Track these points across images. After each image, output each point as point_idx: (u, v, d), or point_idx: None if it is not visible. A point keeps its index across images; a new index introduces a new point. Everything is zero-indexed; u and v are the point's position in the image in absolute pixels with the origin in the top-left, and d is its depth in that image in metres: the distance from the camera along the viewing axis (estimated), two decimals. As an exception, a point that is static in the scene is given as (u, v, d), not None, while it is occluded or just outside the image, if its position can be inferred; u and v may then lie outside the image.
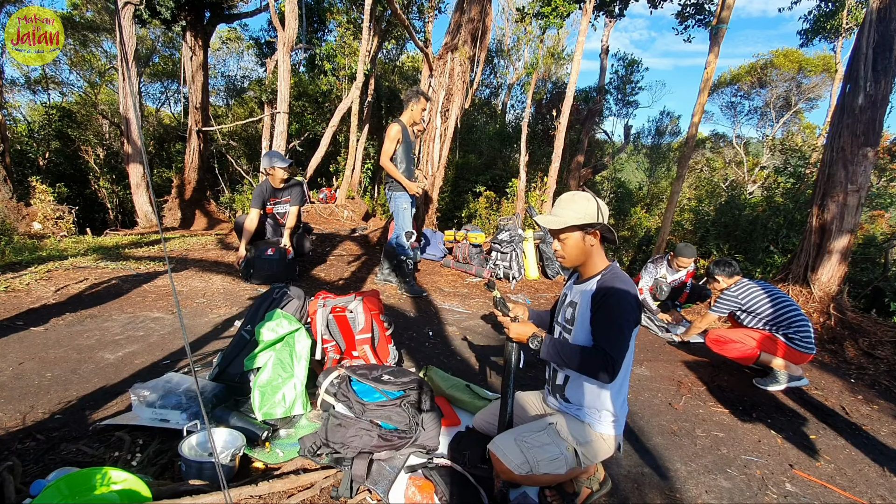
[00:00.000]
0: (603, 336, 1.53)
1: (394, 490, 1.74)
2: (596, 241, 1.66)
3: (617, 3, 10.15)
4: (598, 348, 1.52)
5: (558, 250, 1.70)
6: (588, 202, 1.63)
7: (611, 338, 1.51)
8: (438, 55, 6.81)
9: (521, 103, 16.17)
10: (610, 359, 1.47)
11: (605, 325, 1.54)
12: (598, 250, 1.69)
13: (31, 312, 3.30)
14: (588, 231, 1.64)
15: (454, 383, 2.46)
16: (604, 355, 1.48)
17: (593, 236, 1.65)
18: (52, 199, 8.42)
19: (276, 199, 4.51)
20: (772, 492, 1.99)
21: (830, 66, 13.88)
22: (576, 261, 1.69)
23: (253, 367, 2.19)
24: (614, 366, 1.48)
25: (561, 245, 1.68)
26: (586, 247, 1.66)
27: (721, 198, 10.10)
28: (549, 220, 1.65)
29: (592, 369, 1.51)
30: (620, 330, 1.52)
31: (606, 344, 1.50)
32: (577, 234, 1.64)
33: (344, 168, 8.47)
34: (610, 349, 1.49)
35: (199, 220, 9.85)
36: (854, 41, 4.39)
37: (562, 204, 1.67)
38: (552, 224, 1.64)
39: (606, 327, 1.53)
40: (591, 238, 1.65)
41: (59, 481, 1.44)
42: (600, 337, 1.54)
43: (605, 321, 1.54)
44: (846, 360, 3.70)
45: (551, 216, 1.67)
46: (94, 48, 14.38)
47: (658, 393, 2.89)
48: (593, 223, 1.62)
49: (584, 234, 1.64)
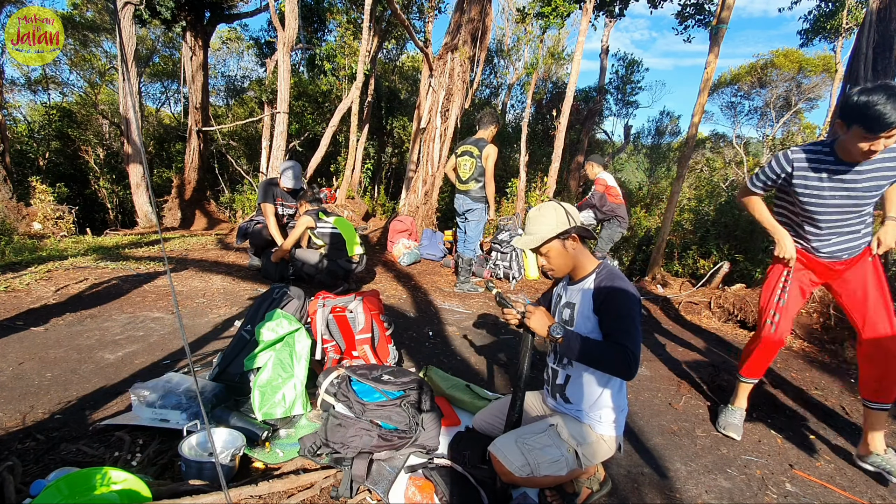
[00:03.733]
0: (620, 332, 1.51)
1: (394, 490, 1.74)
2: (577, 244, 1.68)
3: (617, 3, 10.14)
4: (618, 343, 1.50)
5: (545, 265, 1.72)
6: (556, 211, 1.67)
7: (628, 332, 1.50)
8: (438, 55, 6.81)
9: (521, 103, 16.15)
10: (631, 353, 1.47)
11: (619, 321, 1.53)
12: (583, 251, 1.70)
13: (31, 312, 3.30)
14: (565, 237, 1.66)
15: (454, 383, 2.46)
16: (623, 349, 1.47)
17: (572, 240, 1.67)
18: (52, 199, 8.41)
19: (282, 201, 4.57)
20: (772, 492, 1.99)
21: (830, 66, 13.87)
22: (565, 269, 1.71)
23: (253, 367, 2.19)
24: (637, 360, 1.47)
25: (546, 259, 1.70)
26: (570, 252, 1.67)
27: (721, 198, 10.08)
28: (527, 240, 1.69)
29: (614, 364, 1.49)
30: (634, 324, 1.51)
31: (625, 339, 1.49)
32: (557, 244, 1.66)
33: (344, 168, 8.46)
34: (629, 343, 1.48)
35: (199, 220, 9.85)
36: (854, 41, 4.39)
37: (532, 222, 1.70)
38: (530, 244, 1.67)
39: (621, 323, 1.52)
40: (570, 243, 1.67)
41: (59, 481, 1.44)
42: (618, 333, 1.52)
43: (618, 317, 1.53)
44: (846, 360, 3.70)
45: (527, 237, 1.70)
46: (94, 48, 14.37)
47: (658, 393, 2.89)
48: (567, 229, 1.64)
49: (563, 241, 1.66)
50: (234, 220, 9.60)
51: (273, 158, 7.51)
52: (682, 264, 8.05)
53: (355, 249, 4.18)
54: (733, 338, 4.16)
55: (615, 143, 14.94)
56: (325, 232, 4.07)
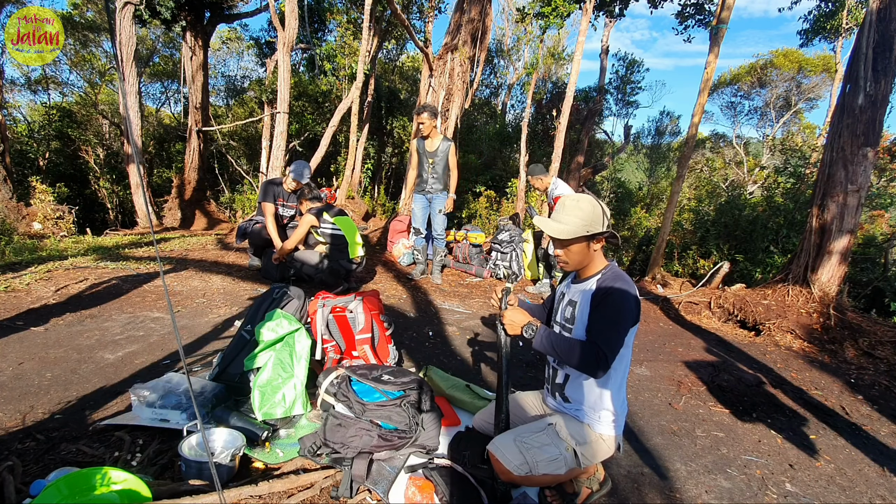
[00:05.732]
0: (597, 332, 1.53)
1: (394, 490, 1.74)
2: (600, 246, 1.66)
3: (617, 3, 10.13)
4: (592, 343, 1.51)
5: (560, 255, 1.67)
6: (594, 208, 1.59)
7: (604, 334, 1.51)
8: (438, 55, 6.81)
9: (521, 103, 16.15)
10: (602, 354, 1.47)
11: (600, 322, 1.54)
12: (599, 252, 1.69)
13: (31, 312, 3.30)
14: (594, 239, 1.62)
15: (454, 383, 2.46)
16: (596, 350, 1.48)
17: (597, 243, 1.64)
18: (52, 199, 8.41)
19: (284, 201, 4.56)
20: (772, 492, 1.99)
21: (830, 66, 13.87)
22: (578, 265, 1.69)
23: (253, 367, 2.18)
24: (606, 361, 1.48)
25: (564, 252, 1.65)
26: (590, 252, 1.65)
27: (721, 198, 10.09)
28: (555, 228, 1.60)
29: (584, 363, 1.50)
30: (615, 327, 1.52)
31: (600, 339, 1.50)
32: (583, 242, 1.62)
33: (344, 168, 8.46)
34: (603, 345, 1.49)
35: (199, 220, 9.85)
36: (854, 41, 4.39)
37: (566, 210, 1.61)
38: (558, 233, 1.59)
39: (602, 323, 1.54)
40: (595, 244, 1.64)
41: (59, 481, 1.44)
42: (594, 332, 1.54)
43: (602, 318, 1.54)
44: (846, 360, 3.70)
45: (556, 224, 1.61)
46: (94, 48, 14.35)
47: (658, 393, 2.89)
48: (599, 232, 1.59)
49: (590, 242, 1.62)
50: (234, 220, 9.59)
51: (273, 158, 7.50)
52: (682, 264, 8.05)
53: (357, 251, 4.17)
54: (733, 338, 4.16)
55: (615, 143, 14.93)
56: (328, 232, 4.07)
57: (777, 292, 4.56)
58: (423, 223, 4.99)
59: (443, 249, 5.11)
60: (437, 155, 4.70)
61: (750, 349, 3.87)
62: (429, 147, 4.73)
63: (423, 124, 4.60)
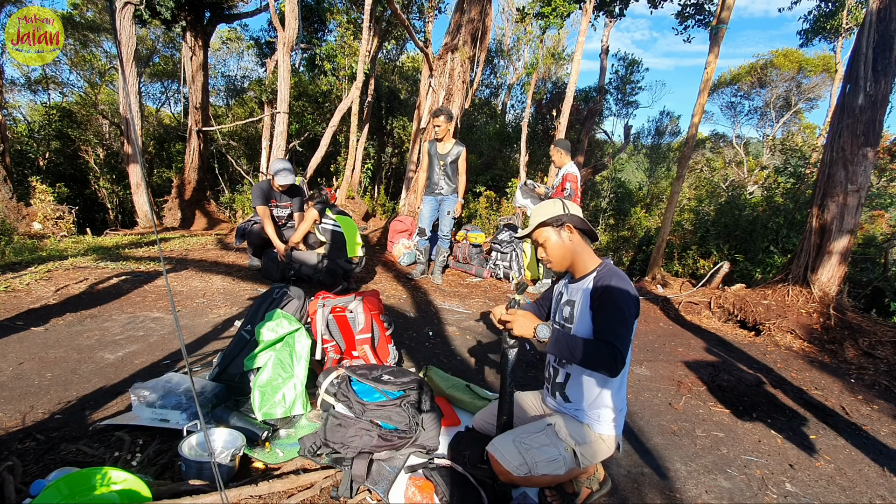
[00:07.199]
0: (608, 329, 1.52)
1: (394, 490, 1.74)
2: (574, 235, 1.69)
3: (617, 3, 10.14)
4: (605, 341, 1.50)
5: (543, 255, 1.76)
6: (553, 204, 1.73)
7: (617, 330, 1.50)
8: (438, 55, 6.81)
9: (521, 103, 16.15)
10: (617, 351, 1.47)
11: (609, 319, 1.53)
12: (584, 248, 1.70)
13: (31, 312, 3.30)
14: (557, 225, 1.70)
15: (454, 383, 2.46)
16: (611, 347, 1.47)
17: (567, 230, 1.69)
18: (52, 199, 8.40)
19: (276, 202, 4.55)
20: (772, 492, 1.99)
21: (830, 66, 13.88)
22: (563, 260, 1.72)
23: (253, 367, 2.18)
24: (623, 357, 1.47)
25: (543, 249, 1.74)
26: (566, 243, 1.69)
27: (721, 198, 10.09)
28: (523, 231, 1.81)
29: (600, 361, 1.48)
30: (624, 322, 1.51)
31: (613, 336, 1.49)
32: (550, 231, 1.71)
33: (344, 168, 8.46)
34: (617, 341, 1.48)
35: (199, 220, 9.85)
36: (854, 41, 4.39)
37: (531, 216, 1.84)
38: (524, 231, 1.79)
39: (611, 320, 1.53)
40: (565, 232, 1.69)
41: (59, 481, 1.44)
42: (606, 330, 1.52)
43: (610, 315, 1.53)
44: (846, 360, 3.70)
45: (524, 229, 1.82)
46: (95, 48, 14.35)
47: (658, 393, 2.89)
48: (559, 215, 1.69)
49: (557, 229, 1.70)
50: (234, 220, 9.59)
51: (273, 158, 7.51)
52: (682, 264, 8.05)
53: (357, 251, 4.17)
54: (733, 338, 4.16)
55: (615, 143, 14.93)
56: (328, 228, 4.08)
57: (777, 292, 4.56)
58: (429, 224, 5.03)
59: (446, 250, 5.13)
60: (449, 158, 4.77)
61: (750, 349, 3.87)
62: (441, 150, 4.80)
63: (439, 127, 4.67)
